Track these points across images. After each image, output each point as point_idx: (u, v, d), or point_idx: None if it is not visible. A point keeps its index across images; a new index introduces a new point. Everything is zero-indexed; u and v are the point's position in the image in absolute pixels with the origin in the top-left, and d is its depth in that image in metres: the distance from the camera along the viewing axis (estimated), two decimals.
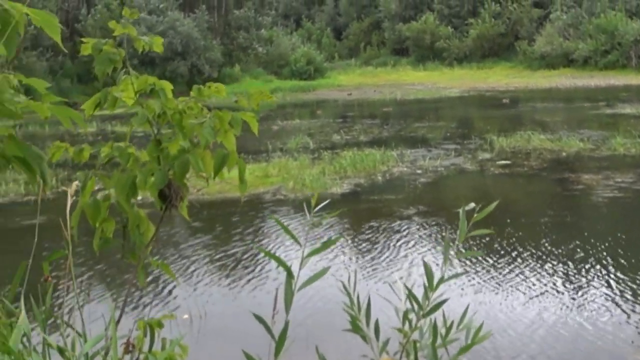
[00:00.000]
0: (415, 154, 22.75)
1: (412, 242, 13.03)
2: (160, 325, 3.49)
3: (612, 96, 41.02)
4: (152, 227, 3.27)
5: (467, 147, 24.03)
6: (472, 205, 3.06)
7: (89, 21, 62.73)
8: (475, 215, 3.00)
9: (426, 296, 2.90)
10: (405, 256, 12.21)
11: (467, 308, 2.91)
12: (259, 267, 11.89)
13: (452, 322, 2.88)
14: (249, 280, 11.24)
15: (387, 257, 12.25)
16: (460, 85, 56.03)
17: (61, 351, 2.64)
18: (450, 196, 17.39)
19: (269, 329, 2.70)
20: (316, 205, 3.05)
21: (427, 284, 2.91)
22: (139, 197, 3.13)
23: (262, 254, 12.54)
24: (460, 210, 2.97)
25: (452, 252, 3.14)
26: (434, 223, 14.25)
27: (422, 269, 3.13)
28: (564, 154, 21.66)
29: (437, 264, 10.12)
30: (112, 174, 3.12)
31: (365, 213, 15.47)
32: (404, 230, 13.80)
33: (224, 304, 10.33)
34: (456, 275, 3.10)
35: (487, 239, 12.70)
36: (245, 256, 12.52)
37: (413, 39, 76.40)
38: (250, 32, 70.53)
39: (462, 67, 70.42)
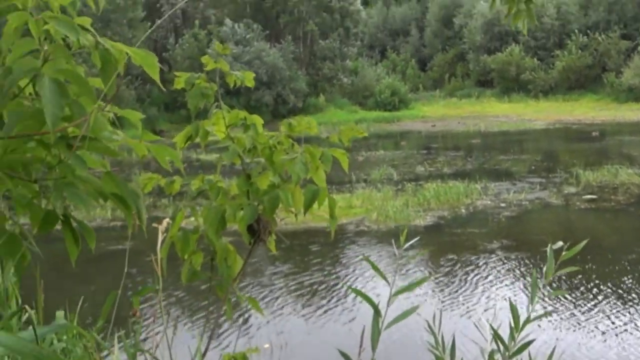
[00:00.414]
0: (499, 187, 22.55)
1: (497, 279, 12.91)
2: (245, 359, 3.50)
3: None
4: (240, 259, 3.28)
5: (552, 180, 23.74)
6: (560, 244, 3.01)
7: (177, 51, 64.01)
8: (563, 254, 2.96)
9: (512, 336, 2.85)
10: (491, 294, 12.10)
11: (553, 350, 2.86)
12: (338, 299, 11.88)
13: None
14: (329, 311, 11.25)
15: (472, 294, 12.14)
16: (545, 118, 55.48)
17: None
18: (535, 231, 17.15)
19: None
20: (405, 241, 3.02)
21: (512, 324, 2.87)
22: None
23: (341, 285, 12.56)
24: (548, 249, 2.93)
25: (538, 290, 3.09)
26: (518, 259, 14.09)
27: (507, 307, 3.07)
28: None
29: (523, 303, 10.01)
30: (202, 205, 3.15)
31: (448, 247, 15.37)
32: (489, 266, 13.68)
33: (305, 335, 10.34)
34: (543, 315, 3.05)
35: (573, 276, 12.51)
36: (326, 287, 12.53)
37: (498, 71, 75.76)
38: (335, 62, 70.85)
39: (547, 99, 69.58)
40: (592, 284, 12.20)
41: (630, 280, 12.37)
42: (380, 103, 68.06)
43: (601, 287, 12.04)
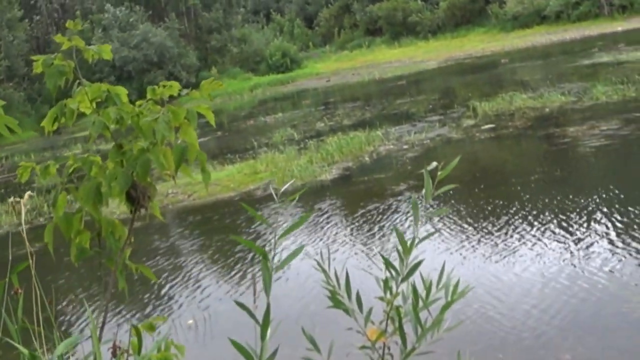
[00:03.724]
0: (400, 130, 22.71)
1: (397, 216, 13.12)
2: (152, 328, 3.50)
3: (588, 47, 40.93)
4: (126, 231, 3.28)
5: (450, 116, 24.02)
6: (435, 164, 3.08)
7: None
8: (439, 173, 3.03)
9: (401, 260, 2.91)
10: (389, 229, 12.28)
11: (443, 266, 2.92)
12: (253, 263, 11.88)
13: (431, 283, 2.89)
14: (247, 277, 11.26)
15: (373, 233, 12.33)
16: (437, 57, 56.01)
17: (33, 357, 2.65)
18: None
19: (251, 314, 2.70)
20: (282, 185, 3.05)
21: (401, 249, 2.92)
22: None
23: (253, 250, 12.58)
24: (424, 171, 2.99)
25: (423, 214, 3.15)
26: (421, 195, 14.27)
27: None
28: (547, 110, 21.62)
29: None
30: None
31: (353, 195, 15.54)
32: (391, 206, 13.85)
33: (226, 305, 10.32)
34: (428, 236, 3.12)
35: (478, 200, 12.85)
36: (242, 253, 12.52)
37: (385, 18, 76.13)
38: (222, 33, 70.58)
39: (437, 39, 70.22)
40: (491, 206, 12.51)
41: (531, 198, 12.62)
42: (272, 66, 68.07)
43: (502, 208, 12.30)
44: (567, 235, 10.38)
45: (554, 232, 10.62)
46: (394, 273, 2.96)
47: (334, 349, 2.92)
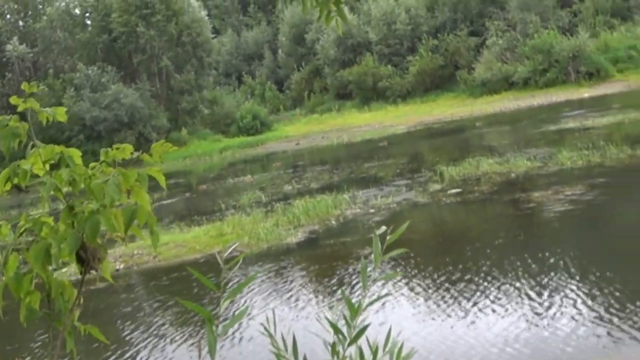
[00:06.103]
0: (367, 194, 22.78)
1: (354, 279, 13.16)
2: None
3: (554, 113, 41.40)
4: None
5: (417, 180, 24.13)
6: (384, 228, 3.12)
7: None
8: (388, 237, 3.07)
9: (348, 325, 2.93)
10: (343, 292, 12.29)
11: (389, 331, 2.95)
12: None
13: (377, 347, 2.92)
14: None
15: (327, 296, 12.39)
16: (406, 122, 56.37)
17: None
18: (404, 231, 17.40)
19: None
20: (226, 260, 3.08)
21: (348, 313, 2.95)
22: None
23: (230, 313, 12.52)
24: (373, 235, 3.03)
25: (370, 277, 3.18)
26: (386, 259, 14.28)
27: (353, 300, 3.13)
28: (513, 175, 21.82)
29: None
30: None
31: (315, 258, 15.59)
32: (350, 269, 13.91)
33: None
34: (375, 300, 3.14)
35: (437, 264, 12.93)
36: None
37: (355, 82, 76.62)
38: (193, 94, 70.73)
39: (406, 104, 70.68)
40: (449, 270, 12.59)
41: (492, 263, 12.71)
42: (242, 129, 68.19)
43: (460, 272, 12.39)
44: (521, 300, 10.47)
45: (507, 297, 10.72)
46: (341, 337, 2.98)
47: None
